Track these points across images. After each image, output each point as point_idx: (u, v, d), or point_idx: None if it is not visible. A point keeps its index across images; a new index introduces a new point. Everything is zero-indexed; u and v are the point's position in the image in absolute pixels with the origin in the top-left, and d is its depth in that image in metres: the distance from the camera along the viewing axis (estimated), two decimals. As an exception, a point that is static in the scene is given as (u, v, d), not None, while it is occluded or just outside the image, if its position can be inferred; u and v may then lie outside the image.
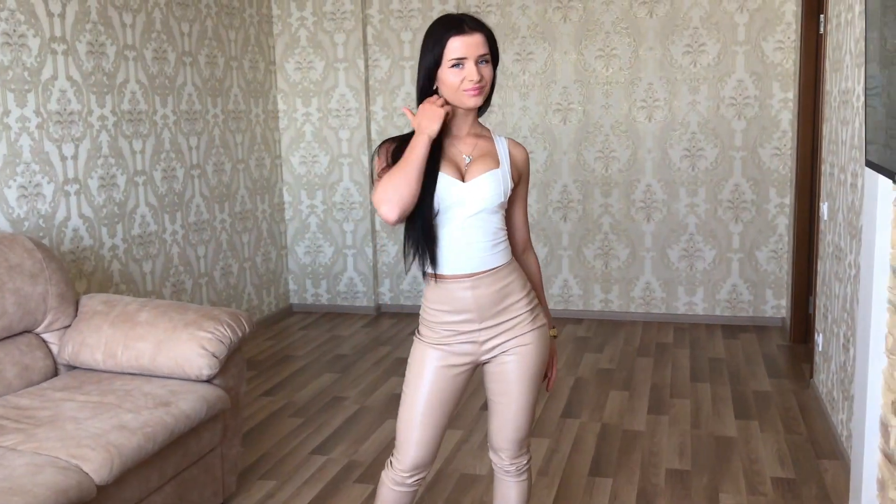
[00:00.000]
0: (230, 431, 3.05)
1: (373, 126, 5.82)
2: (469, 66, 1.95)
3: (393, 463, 2.16)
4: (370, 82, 5.77)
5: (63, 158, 3.78)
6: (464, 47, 1.94)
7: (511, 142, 2.12)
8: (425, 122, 1.93)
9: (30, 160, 3.58)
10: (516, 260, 2.17)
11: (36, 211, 3.62)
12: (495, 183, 2.02)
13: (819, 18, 4.47)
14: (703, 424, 3.76)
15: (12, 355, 2.88)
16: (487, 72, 1.98)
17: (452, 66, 1.95)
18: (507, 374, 2.11)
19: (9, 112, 3.46)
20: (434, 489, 3.18)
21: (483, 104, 2.04)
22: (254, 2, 5.51)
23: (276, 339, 5.35)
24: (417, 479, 2.16)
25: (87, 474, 2.30)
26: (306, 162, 5.91)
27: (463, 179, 2.01)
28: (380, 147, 2.06)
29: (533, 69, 5.50)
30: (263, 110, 5.67)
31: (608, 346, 5.00)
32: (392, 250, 5.93)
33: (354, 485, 3.23)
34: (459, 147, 2.05)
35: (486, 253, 2.04)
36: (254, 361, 4.86)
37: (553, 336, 2.23)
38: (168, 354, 2.88)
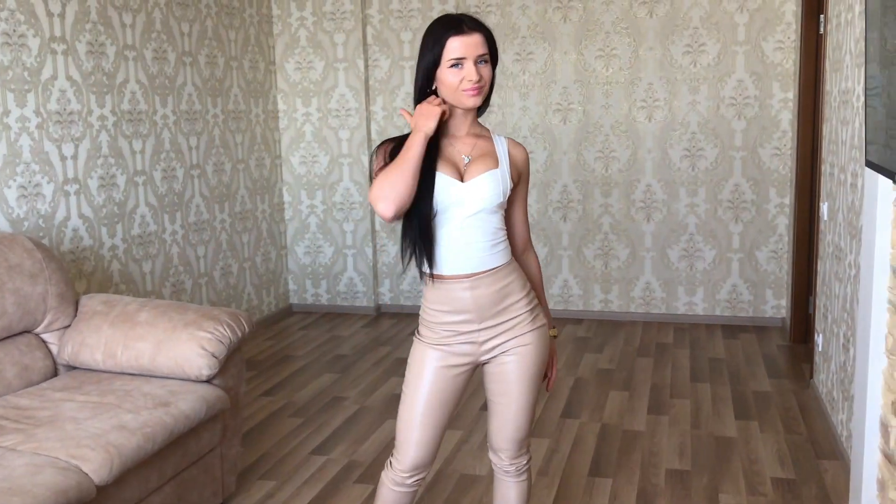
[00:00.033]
0: (230, 431, 3.05)
1: (373, 126, 5.82)
2: (468, 66, 1.95)
3: (393, 463, 2.16)
4: (370, 82, 5.77)
5: (63, 158, 3.78)
6: (463, 47, 1.94)
7: (511, 142, 2.12)
8: (422, 121, 1.94)
9: (29, 160, 3.58)
10: (516, 260, 2.17)
11: (36, 211, 3.62)
12: (494, 183, 2.02)
13: (819, 18, 4.47)
14: (703, 425, 3.76)
15: (12, 355, 2.88)
16: (486, 72, 1.98)
17: (451, 66, 1.95)
18: (507, 375, 2.11)
19: (9, 112, 3.46)
20: (434, 489, 3.17)
21: (482, 104, 2.04)
22: (254, 2, 5.51)
23: (276, 340, 5.35)
24: (417, 480, 2.16)
25: (87, 474, 2.30)
26: (306, 162, 5.91)
27: (462, 179, 2.01)
28: (378, 147, 2.06)
29: (533, 69, 5.50)
30: (263, 110, 5.67)
31: (608, 347, 5.00)
32: (392, 250, 5.93)
33: (354, 485, 3.22)
34: (458, 147, 2.05)
35: (486, 253, 2.04)
36: (253, 361, 4.86)
37: (553, 336, 2.23)
38: (168, 354, 2.88)
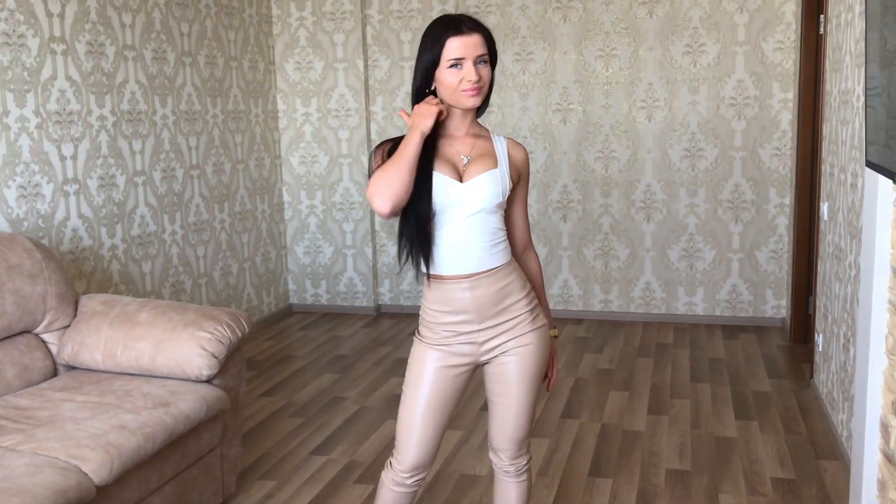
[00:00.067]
0: (230, 432, 3.05)
1: (372, 126, 5.82)
2: (467, 67, 1.95)
3: (393, 463, 2.16)
4: (370, 82, 5.77)
5: (62, 158, 3.78)
6: (462, 48, 1.94)
7: (510, 142, 2.12)
8: (418, 119, 1.94)
9: (29, 160, 3.57)
10: (517, 260, 2.17)
11: (35, 211, 3.61)
12: (493, 183, 2.01)
13: (819, 19, 4.47)
14: (703, 425, 3.76)
15: (12, 355, 2.88)
16: (486, 72, 1.98)
17: (451, 67, 1.95)
18: (507, 375, 2.11)
19: (8, 112, 3.46)
20: (434, 490, 3.17)
21: (481, 105, 2.04)
22: (253, 2, 5.51)
23: (276, 340, 5.35)
24: (417, 480, 2.16)
25: (87, 475, 2.30)
26: (306, 162, 5.91)
27: (461, 180, 2.01)
28: (377, 147, 2.06)
29: (533, 69, 5.50)
30: (263, 110, 5.66)
31: (608, 347, 5.00)
32: (392, 250, 5.93)
33: (354, 485, 3.22)
34: (457, 147, 2.05)
35: (485, 253, 2.04)
36: (253, 362, 4.86)
37: (554, 336, 2.23)
38: (167, 355, 2.88)
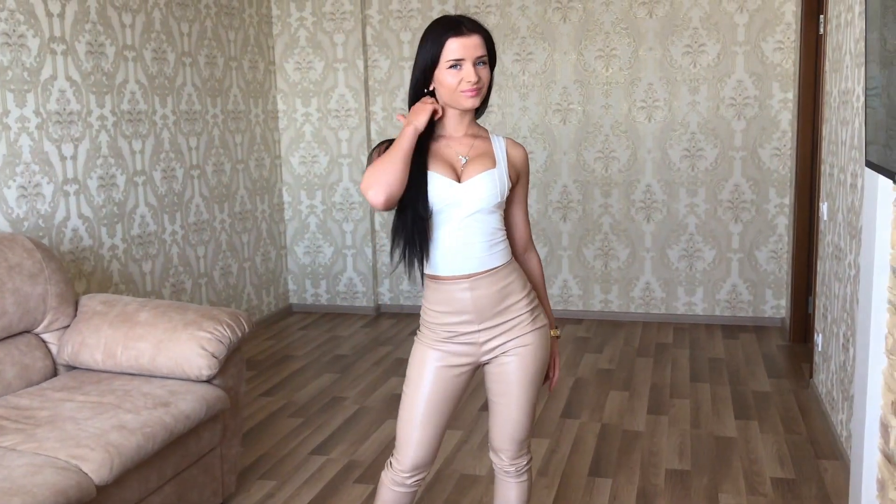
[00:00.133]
0: (230, 431, 3.05)
1: (372, 126, 5.82)
2: (467, 68, 1.95)
3: (393, 463, 2.16)
4: (370, 83, 5.77)
5: (62, 158, 3.78)
6: (461, 49, 1.94)
7: (510, 142, 2.12)
8: (412, 117, 1.96)
9: (29, 160, 3.58)
10: (518, 260, 2.17)
11: (35, 211, 3.61)
12: (491, 183, 2.02)
13: (819, 19, 4.47)
14: (703, 425, 3.76)
15: (12, 355, 2.88)
16: (485, 73, 1.99)
17: (450, 68, 1.96)
18: (508, 375, 2.11)
19: (8, 112, 3.46)
20: (434, 490, 3.17)
21: (480, 106, 2.04)
22: (253, 2, 5.51)
23: (276, 340, 5.35)
24: (417, 480, 2.16)
25: (87, 474, 2.30)
26: (306, 162, 5.91)
27: (459, 180, 2.02)
28: (375, 148, 2.07)
29: (533, 69, 5.50)
30: (263, 110, 5.67)
31: (608, 347, 5.00)
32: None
33: (354, 485, 3.22)
34: (456, 148, 2.05)
35: (484, 253, 2.04)
36: (253, 361, 4.86)
37: (555, 337, 2.23)
38: (168, 354, 2.88)
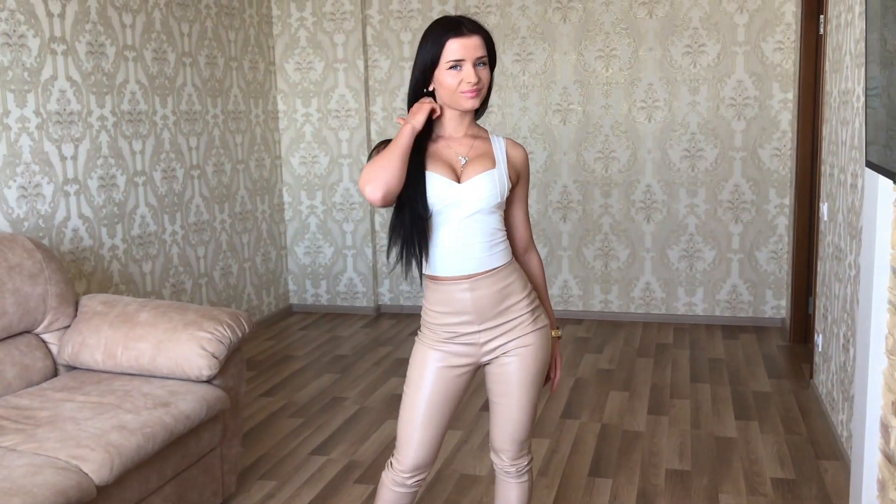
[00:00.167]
0: (230, 432, 3.05)
1: (372, 126, 5.82)
2: (467, 69, 1.95)
3: (393, 464, 2.16)
4: (370, 83, 5.77)
5: (63, 159, 3.78)
6: (462, 49, 1.94)
7: (510, 142, 2.12)
8: (410, 116, 1.97)
9: (29, 160, 3.58)
10: (518, 261, 2.17)
11: (36, 211, 3.62)
12: (491, 183, 2.02)
13: (819, 19, 4.47)
14: (703, 425, 3.76)
15: (12, 355, 2.88)
16: (485, 74, 1.99)
17: (450, 68, 1.96)
18: (508, 376, 2.11)
19: (8, 112, 3.46)
20: (434, 490, 3.17)
21: (480, 106, 2.05)
22: (253, 2, 5.51)
23: (276, 340, 5.35)
24: (418, 480, 2.16)
25: (87, 475, 2.30)
26: (306, 162, 5.91)
27: (459, 180, 2.02)
28: (374, 148, 2.07)
29: (533, 70, 5.50)
30: (263, 111, 5.67)
31: (608, 347, 5.00)
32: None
33: (354, 485, 3.23)
34: (455, 148, 2.05)
35: (485, 254, 2.04)
36: (253, 362, 4.86)
37: (557, 337, 2.23)
38: (168, 355, 2.88)
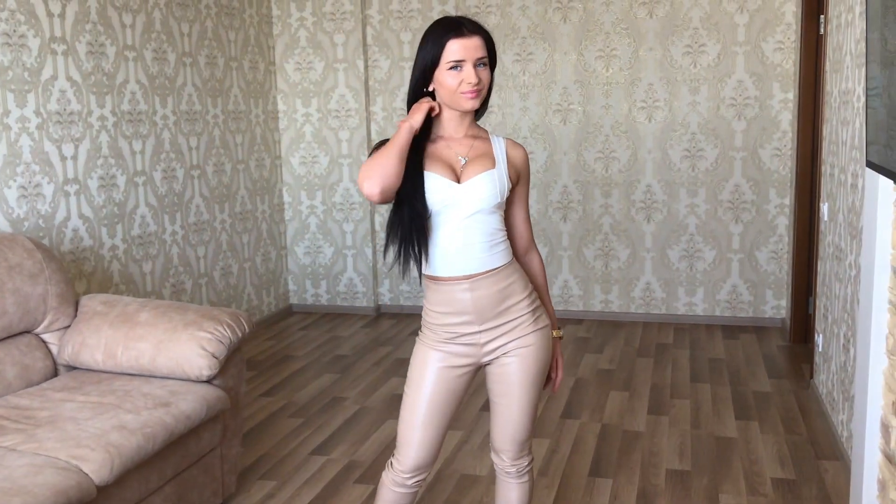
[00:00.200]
0: (230, 432, 3.05)
1: (373, 126, 5.82)
2: (467, 69, 1.95)
3: (394, 464, 2.16)
4: (370, 83, 5.77)
5: (63, 159, 3.78)
6: (462, 50, 1.94)
7: (510, 142, 2.12)
8: (409, 116, 1.98)
9: (30, 160, 3.58)
10: (519, 261, 2.17)
11: (36, 211, 3.61)
12: (491, 183, 2.02)
13: (819, 19, 4.47)
14: (704, 425, 3.76)
15: (12, 355, 2.88)
16: (485, 75, 1.99)
17: (450, 69, 1.96)
18: (509, 376, 2.11)
19: (9, 112, 3.46)
20: (434, 490, 3.17)
21: (480, 107, 2.05)
22: (253, 2, 5.51)
23: (276, 340, 5.35)
24: (418, 481, 2.16)
25: (87, 475, 2.30)
26: (306, 162, 5.91)
27: (458, 181, 2.02)
28: (374, 147, 2.07)
29: (533, 70, 5.50)
30: (263, 111, 5.67)
31: (608, 347, 5.00)
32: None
33: (354, 485, 3.22)
34: (455, 149, 2.05)
35: (485, 254, 2.04)
36: (254, 362, 4.86)
37: (558, 337, 2.22)
38: (168, 355, 2.88)
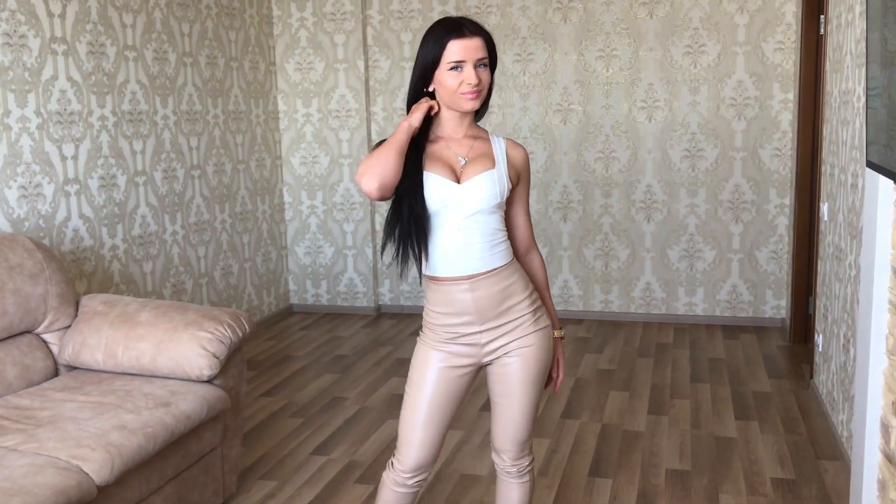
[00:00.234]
0: (230, 432, 3.06)
1: (373, 127, 5.82)
2: (468, 70, 1.96)
3: (394, 464, 2.16)
4: (370, 83, 5.78)
5: (63, 159, 3.78)
6: (463, 51, 1.95)
7: (510, 142, 2.12)
8: (409, 114, 1.99)
9: (30, 160, 3.58)
10: (520, 261, 2.17)
11: (36, 211, 3.62)
12: (491, 183, 2.02)
13: (819, 19, 4.47)
14: (704, 425, 3.76)
15: (13, 355, 2.89)
16: (486, 76, 1.99)
17: (451, 69, 1.96)
18: (510, 376, 2.11)
19: (9, 112, 3.46)
20: (434, 490, 3.18)
21: (480, 108, 2.05)
22: (254, 2, 5.51)
23: (277, 340, 5.35)
24: (419, 481, 2.16)
25: (88, 475, 2.30)
26: (306, 162, 5.91)
27: (458, 181, 2.02)
28: (373, 149, 2.07)
29: (533, 70, 5.50)
30: (264, 111, 5.67)
31: (608, 347, 5.00)
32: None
33: (355, 485, 3.23)
34: (455, 149, 2.05)
35: (485, 254, 2.04)
36: (254, 362, 4.86)
37: (559, 337, 2.22)
38: (168, 355, 2.88)
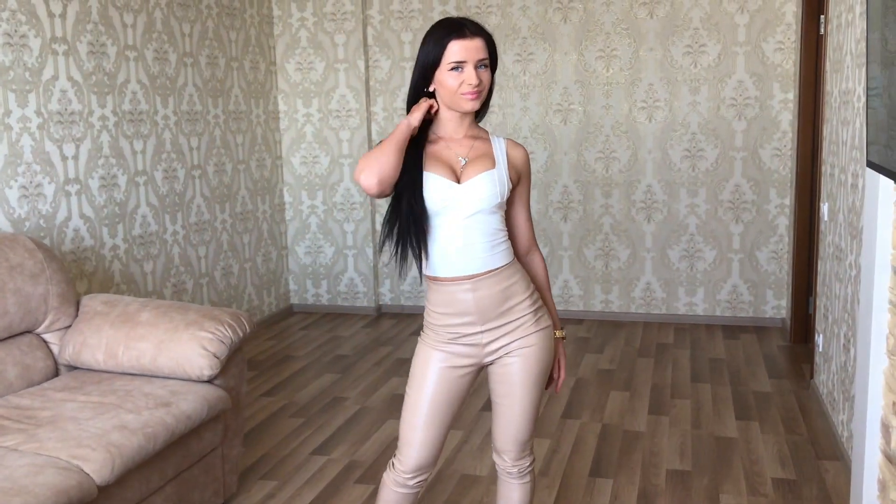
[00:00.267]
0: (231, 432, 3.06)
1: (373, 127, 5.82)
2: (468, 71, 1.96)
3: (395, 464, 2.16)
4: (370, 83, 5.78)
5: (64, 158, 3.78)
6: (464, 51, 1.95)
7: (510, 142, 2.12)
8: (409, 114, 1.99)
9: (31, 160, 3.58)
10: (521, 261, 2.17)
11: (37, 211, 3.62)
12: (491, 184, 2.02)
13: (819, 19, 4.48)
14: (704, 425, 3.76)
15: (13, 355, 2.89)
16: (486, 76, 1.99)
17: (451, 70, 1.96)
18: (511, 376, 2.11)
19: (10, 112, 3.46)
20: (434, 490, 3.18)
21: (481, 108, 2.05)
22: (254, 2, 5.51)
23: (277, 340, 5.35)
24: (420, 481, 2.16)
25: (88, 475, 2.30)
26: (307, 162, 5.91)
27: (458, 181, 2.02)
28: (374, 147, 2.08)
29: (533, 70, 5.50)
30: (264, 111, 5.67)
31: (609, 347, 5.00)
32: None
33: (355, 485, 3.23)
34: (455, 149, 2.05)
35: (486, 254, 2.04)
36: (254, 362, 4.86)
37: (561, 338, 2.22)
38: (169, 355, 2.88)
